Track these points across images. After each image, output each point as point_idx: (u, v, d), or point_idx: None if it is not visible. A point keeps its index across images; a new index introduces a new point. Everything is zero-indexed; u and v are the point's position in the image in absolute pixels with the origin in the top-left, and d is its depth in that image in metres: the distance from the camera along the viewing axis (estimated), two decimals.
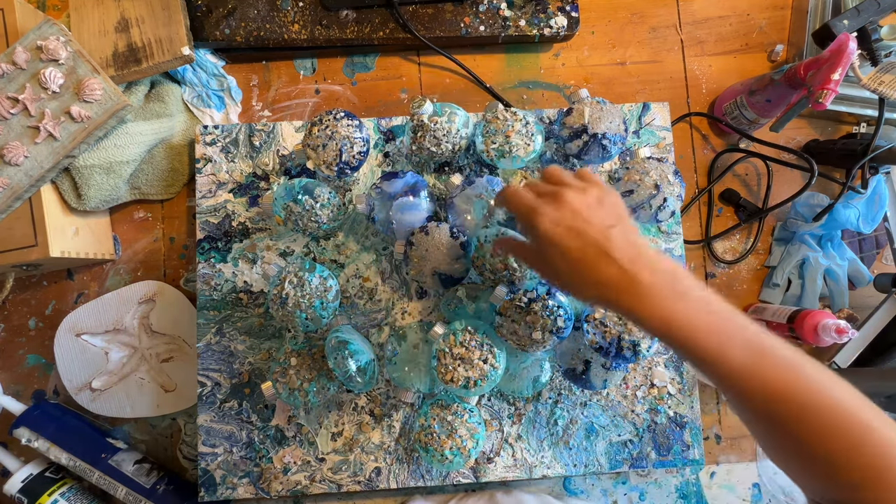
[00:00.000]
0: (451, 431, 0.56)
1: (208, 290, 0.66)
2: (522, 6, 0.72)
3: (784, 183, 0.75)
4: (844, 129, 0.76)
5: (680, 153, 0.75)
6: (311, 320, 0.58)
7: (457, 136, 0.62)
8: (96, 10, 0.67)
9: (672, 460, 0.65)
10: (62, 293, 0.71)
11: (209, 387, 0.64)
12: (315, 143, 0.60)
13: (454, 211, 0.61)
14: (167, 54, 0.65)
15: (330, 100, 0.75)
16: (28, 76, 0.60)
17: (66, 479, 0.65)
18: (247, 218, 0.67)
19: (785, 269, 0.72)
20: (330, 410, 0.64)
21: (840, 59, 0.57)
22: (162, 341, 0.69)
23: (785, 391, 0.37)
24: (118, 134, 0.65)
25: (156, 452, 0.70)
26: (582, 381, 0.60)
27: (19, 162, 0.60)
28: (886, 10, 0.61)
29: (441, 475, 0.64)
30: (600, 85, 0.76)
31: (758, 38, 0.77)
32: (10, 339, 0.71)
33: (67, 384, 0.67)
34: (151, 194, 0.71)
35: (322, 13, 0.72)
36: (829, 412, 0.36)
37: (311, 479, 0.63)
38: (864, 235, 0.74)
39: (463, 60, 0.74)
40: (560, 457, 0.64)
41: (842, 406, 0.36)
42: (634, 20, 0.77)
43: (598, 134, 0.60)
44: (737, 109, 0.71)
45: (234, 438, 0.64)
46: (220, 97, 0.73)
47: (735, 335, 0.38)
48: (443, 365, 0.55)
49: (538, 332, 0.54)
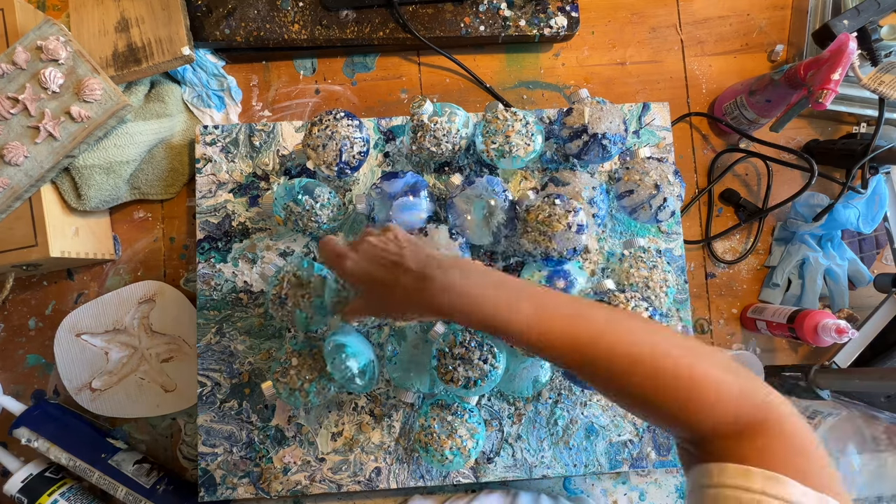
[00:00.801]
0: (451, 431, 0.56)
1: (208, 290, 0.66)
2: (522, 6, 0.72)
3: (784, 183, 0.75)
4: (844, 129, 0.76)
5: (680, 153, 0.75)
6: (311, 319, 0.58)
7: (457, 136, 0.62)
8: (96, 10, 0.67)
9: (672, 460, 0.65)
10: (62, 293, 0.71)
11: (209, 387, 0.64)
12: (315, 143, 0.60)
13: (454, 211, 0.61)
14: (167, 54, 0.65)
15: (330, 100, 0.75)
16: (28, 76, 0.60)
17: (66, 479, 0.65)
18: (247, 218, 0.67)
19: (785, 269, 0.72)
20: (330, 410, 0.64)
21: (840, 59, 0.57)
22: (162, 341, 0.69)
23: (573, 342, 0.39)
24: (118, 134, 0.65)
25: (156, 452, 0.70)
26: (582, 382, 0.60)
27: (19, 162, 0.60)
28: (886, 10, 0.61)
29: (441, 475, 0.64)
30: (600, 85, 0.76)
31: (758, 38, 0.77)
32: (10, 339, 0.71)
33: (67, 384, 0.67)
34: (151, 194, 0.71)
35: (322, 13, 0.72)
36: (621, 354, 0.38)
37: (311, 479, 0.64)
38: (864, 235, 0.74)
39: (463, 60, 0.74)
40: (560, 457, 0.64)
41: (630, 344, 0.38)
42: (634, 20, 0.77)
43: (598, 134, 0.60)
44: (737, 109, 0.71)
45: (234, 438, 0.64)
46: (220, 97, 0.73)
47: (521, 299, 0.41)
48: (443, 365, 0.55)
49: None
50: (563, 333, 0.40)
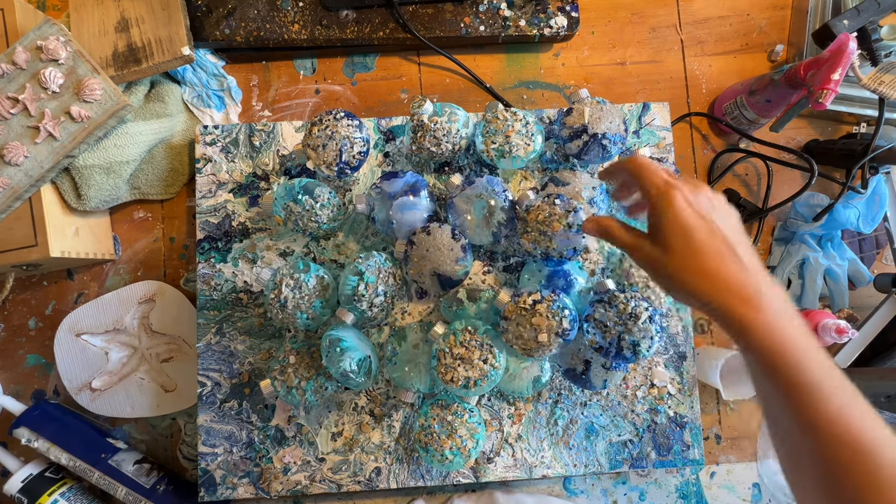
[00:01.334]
0: (451, 431, 0.56)
1: (208, 290, 0.66)
2: (522, 6, 0.73)
3: (784, 183, 0.75)
4: (844, 129, 0.76)
5: (680, 153, 0.75)
6: (312, 320, 0.58)
7: (457, 136, 0.62)
8: (96, 10, 0.67)
9: (672, 460, 0.65)
10: (62, 293, 0.71)
11: (209, 387, 0.64)
12: (315, 143, 0.60)
13: (454, 211, 0.61)
14: (167, 54, 0.65)
15: (330, 100, 0.75)
16: (28, 76, 0.60)
17: (66, 479, 0.65)
18: (247, 218, 0.67)
19: (785, 269, 0.72)
20: (330, 410, 0.64)
21: (840, 59, 0.57)
22: (162, 341, 0.69)
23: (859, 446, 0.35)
24: (118, 134, 0.65)
25: (156, 452, 0.70)
26: (582, 381, 0.60)
27: (19, 162, 0.60)
28: (886, 10, 0.61)
29: (441, 475, 0.64)
30: (600, 85, 0.76)
31: (758, 38, 0.77)
32: (10, 339, 0.71)
33: (67, 384, 0.67)
34: (151, 194, 0.71)
35: (322, 13, 0.72)
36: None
37: (311, 479, 0.64)
38: (864, 235, 0.74)
39: (463, 60, 0.74)
40: (560, 457, 0.64)
41: None
42: (634, 20, 0.77)
43: (598, 134, 0.60)
44: (737, 109, 0.71)
45: (234, 438, 0.64)
46: (220, 97, 0.73)
47: (832, 380, 0.36)
48: (443, 365, 0.55)
49: (544, 335, 0.54)
50: (859, 440, 0.35)
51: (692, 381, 0.66)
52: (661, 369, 0.65)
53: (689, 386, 0.66)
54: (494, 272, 0.66)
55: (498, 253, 0.66)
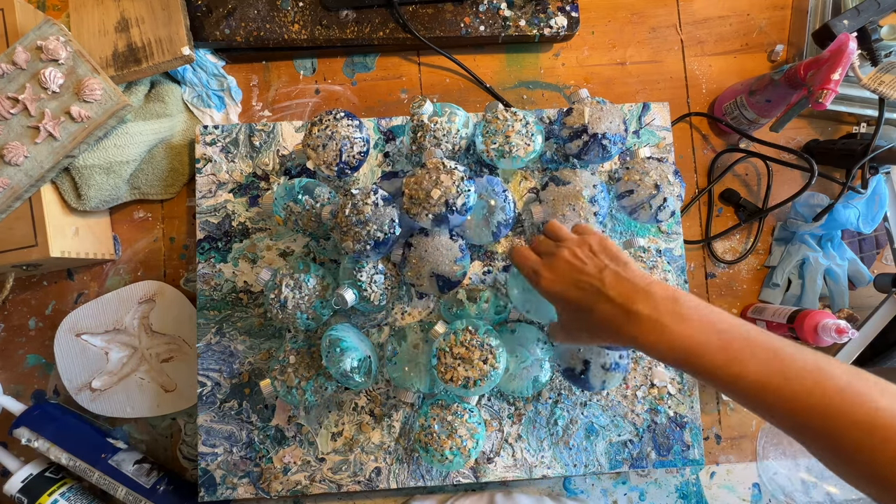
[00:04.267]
0: (451, 431, 0.56)
1: (208, 290, 0.66)
2: (522, 6, 0.72)
3: (784, 183, 0.75)
4: (844, 129, 0.76)
5: (680, 153, 0.75)
6: (312, 320, 0.58)
7: (457, 136, 0.62)
8: (96, 10, 0.67)
9: (672, 460, 0.65)
10: (62, 293, 0.71)
11: (209, 387, 0.64)
12: (315, 143, 0.60)
13: None
14: (167, 54, 0.65)
15: (330, 100, 0.75)
16: (28, 76, 0.60)
17: (66, 479, 0.65)
18: (247, 218, 0.67)
19: (785, 269, 0.72)
20: (330, 410, 0.64)
21: (840, 59, 0.57)
22: (162, 341, 0.69)
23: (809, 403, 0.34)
24: (118, 134, 0.65)
25: (156, 452, 0.70)
26: (581, 382, 0.60)
27: (19, 162, 0.60)
28: (886, 10, 0.61)
29: (441, 475, 0.64)
30: (600, 85, 0.76)
31: (758, 38, 0.77)
32: (10, 339, 0.71)
33: (67, 384, 0.67)
34: (151, 194, 0.71)
35: (322, 13, 0.72)
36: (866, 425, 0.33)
37: (311, 479, 0.63)
38: (864, 235, 0.74)
39: (463, 60, 0.74)
40: (560, 457, 0.64)
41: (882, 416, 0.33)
42: (634, 20, 0.77)
43: (598, 134, 0.60)
44: (737, 109, 0.71)
45: (234, 438, 0.64)
46: (220, 97, 0.73)
47: (746, 349, 0.37)
48: (443, 365, 0.55)
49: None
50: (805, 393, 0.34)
51: (692, 381, 0.66)
52: (661, 369, 0.65)
53: (689, 386, 0.66)
54: (494, 272, 0.66)
55: (498, 253, 0.66)
